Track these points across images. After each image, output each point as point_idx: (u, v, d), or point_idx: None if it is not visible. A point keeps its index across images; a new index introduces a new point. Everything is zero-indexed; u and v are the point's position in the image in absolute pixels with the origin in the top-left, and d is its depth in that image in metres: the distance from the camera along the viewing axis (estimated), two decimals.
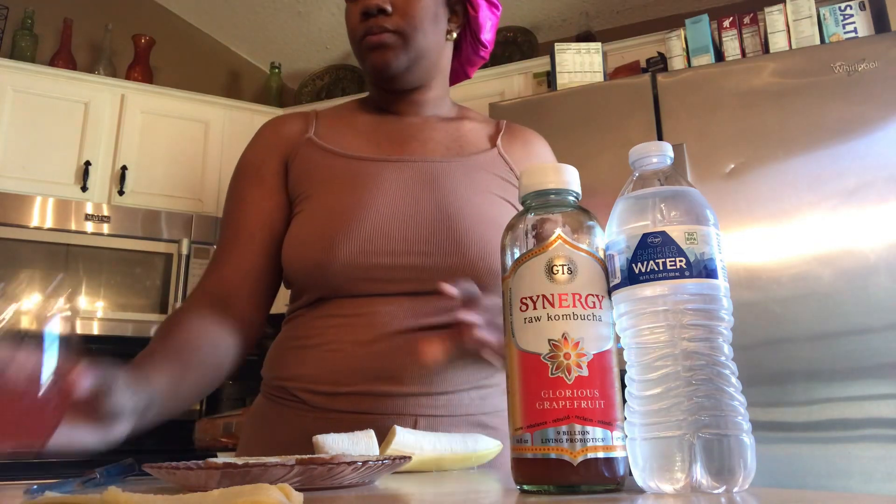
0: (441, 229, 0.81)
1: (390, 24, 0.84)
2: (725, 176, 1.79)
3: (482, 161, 0.89)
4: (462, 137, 0.92)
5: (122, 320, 2.38)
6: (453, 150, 0.89)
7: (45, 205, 2.35)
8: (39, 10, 2.70)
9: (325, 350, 0.81)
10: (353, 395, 0.79)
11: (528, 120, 2.08)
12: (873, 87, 1.71)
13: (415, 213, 0.82)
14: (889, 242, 1.62)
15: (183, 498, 0.36)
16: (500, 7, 0.95)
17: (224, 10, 3.03)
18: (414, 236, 0.81)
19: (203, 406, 2.73)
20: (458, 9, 0.92)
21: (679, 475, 0.42)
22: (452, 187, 0.84)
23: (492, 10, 0.94)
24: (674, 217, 0.46)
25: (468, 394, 0.81)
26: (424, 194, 0.84)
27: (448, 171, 0.86)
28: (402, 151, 0.89)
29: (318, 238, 0.82)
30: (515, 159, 0.91)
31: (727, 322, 0.45)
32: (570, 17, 2.92)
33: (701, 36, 2.16)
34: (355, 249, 0.80)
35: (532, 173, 0.52)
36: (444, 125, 0.93)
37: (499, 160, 0.90)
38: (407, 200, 0.83)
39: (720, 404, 0.43)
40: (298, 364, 0.83)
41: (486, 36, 0.95)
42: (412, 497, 0.50)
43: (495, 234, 0.75)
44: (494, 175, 0.88)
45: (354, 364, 0.79)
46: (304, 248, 0.83)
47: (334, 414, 0.79)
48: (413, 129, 0.92)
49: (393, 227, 0.82)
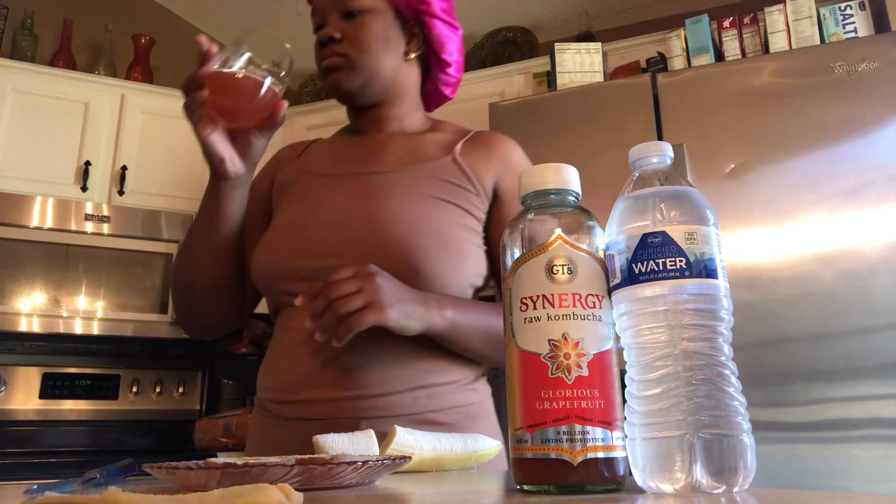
0: (368, 233, 0.86)
1: (340, 49, 0.95)
2: (725, 176, 1.79)
3: (431, 168, 0.93)
4: (419, 149, 0.97)
5: (122, 320, 2.38)
6: (406, 161, 0.95)
7: (45, 205, 2.35)
8: (39, 10, 2.70)
9: (279, 361, 0.90)
10: (302, 402, 0.85)
11: (528, 120, 2.09)
12: (873, 87, 1.71)
13: (346, 219, 0.89)
14: (889, 242, 1.62)
15: (183, 498, 0.36)
16: (460, 28, 1.02)
17: (224, 10, 3.03)
18: (340, 240, 0.87)
19: (203, 406, 2.73)
20: (417, 31, 0.99)
21: (679, 475, 0.42)
22: (391, 194, 0.90)
23: (449, 28, 1.01)
24: (674, 217, 0.46)
25: (411, 394, 0.84)
26: (361, 203, 0.90)
27: (392, 180, 0.92)
28: (357, 166, 0.96)
29: (265, 246, 0.92)
30: (473, 163, 0.94)
31: (727, 322, 0.45)
32: (570, 17, 2.92)
33: (701, 36, 2.16)
34: (282, 254, 0.89)
35: (532, 173, 0.52)
36: (405, 139, 0.99)
37: (451, 166, 0.94)
38: (342, 209, 0.90)
39: (720, 404, 0.43)
40: (264, 375, 0.92)
41: (449, 56, 1.01)
42: (412, 497, 0.50)
43: (428, 236, 0.84)
44: (442, 180, 0.92)
45: (299, 372, 0.86)
46: (256, 255, 0.93)
47: (291, 421, 0.86)
48: (374, 145, 0.99)
49: (322, 232, 0.89)
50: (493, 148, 0.97)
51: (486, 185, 0.94)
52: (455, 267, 0.86)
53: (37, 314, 2.28)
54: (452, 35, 1.01)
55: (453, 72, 1.04)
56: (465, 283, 0.88)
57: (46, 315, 2.29)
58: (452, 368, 0.88)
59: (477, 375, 0.93)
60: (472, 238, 0.91)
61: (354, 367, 0.83)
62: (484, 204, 0.93)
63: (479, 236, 0.92)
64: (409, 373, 0.85)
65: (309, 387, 0.85)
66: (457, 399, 0.88)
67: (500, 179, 0.94)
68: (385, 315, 0.74)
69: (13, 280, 2.27)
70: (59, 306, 2.31)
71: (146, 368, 2.65)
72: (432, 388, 0.86)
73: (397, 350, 0.84)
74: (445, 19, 0.99)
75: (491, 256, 0.93)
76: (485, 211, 0.93)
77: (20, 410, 2.43)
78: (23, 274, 2.28)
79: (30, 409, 2.44)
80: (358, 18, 0.95)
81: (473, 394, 0.90)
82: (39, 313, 2.28)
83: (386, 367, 0.84)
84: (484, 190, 0.93)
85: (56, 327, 2.30)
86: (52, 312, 2.30)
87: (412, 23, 0.99)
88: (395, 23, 0.98)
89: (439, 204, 0.90)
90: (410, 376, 0.85)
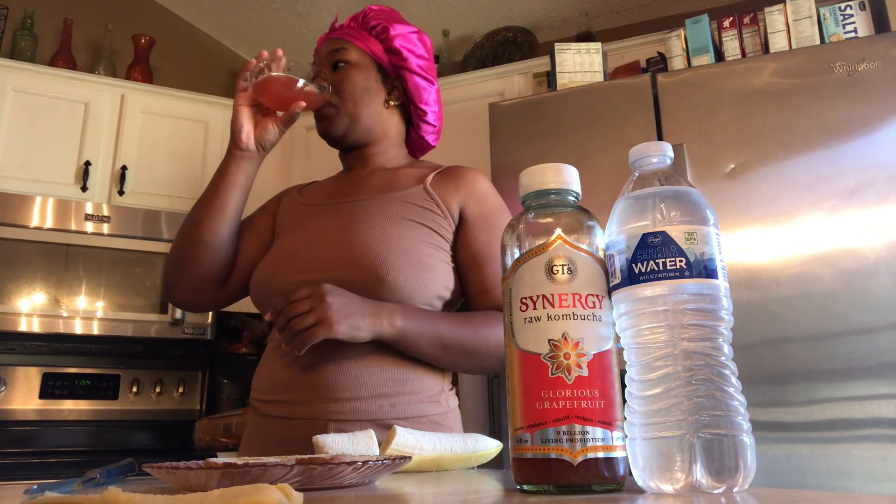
0: (342, 250, 0.97)
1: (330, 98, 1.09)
2: (725, 176, 1.79)
3: (404, 195, 1.05)
4: (395, 180, 1.09)
5: (122, 320, 2.38)
6: (382, 190, 1.07)
7: (45, 205, 2.35)
8: (39, 10, 2.70)
9: (267, 366, 1.02)
10: (282, 402, 0.96)
11: (527, 120, 2.09)
12: (873, 87, 1.71)
13: (325, 240, 1.01)
14: (889, 242, 1.62)
15: (183, 498, 0.36)
16: (436, 83, 1.16)
17: (224, 10, 3.03)
18: (315, 256, 0.99)
19: (203, 406, 2.73)
20: (397, 83, 1.14)
21: (679, 475, 0.42)
22: (366, 217, 1.01)
23: (425, 82, 1.14)
24: (674, 217, 0.46)
25: (375, 401, 0.93)
26: (339, 225, 1.02)
27: (367, 205, 1.04)
28: (342, 196, 1.09)
29: (261, 265, 1.06)
30: (442, 191, 1.05)
31: (727, 322, 0.45)
32: (570, 17, 2.92)
33: (701, 36, 2.16)
34: (271, 271, 1.02)
35: (532, 173, 0.52)
36: (384, 173, 1.12)
37: (422, 193, 1.05)
38: (325, 231, 1.03)
39: (720, 404, 0.43)
40: (256, 378, 1.04)
41: (426, 105, 1.15)
42: (412, 497, 0.50)
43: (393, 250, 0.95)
44: (412, 204, 1.03)
45: (280, 376, 0.97)
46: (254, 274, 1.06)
47: (271, 419, 0.97)
48: (358, 178, 1.12)
49: (305, 252, 1.01)
50: (460, 179, 1.07)
51: (453, 209, 1.04)
52: (417, 278, 0.95)
53: (37, 314, 2.28)
54: (429, 87, 1.14)
55: (431, 119, 1.17)
56: (430, 294, 0.97)
57: (46, 315, 2.29)
58: (416, 380, 0.97)
59: (441, 390, 1.00)
60: (439, 254, 1.00)
61: (326, 373, 0.94)
62: (451, 226, 1.04)
63: (447, 253, 1.02)
64: (375, 381, 0.94)
65: (288, 389, 0.96)
66: (418, 409, 0.95)
67: (464, 205, 1.04)
68: (333, 330, 0.84)
69: (13, 280, 2.27)
70: (59, 306, 2.31)
71: (146, 368, 2.65)
72: (395, 396, 0.94)
73: (366, 360, 0.94)
74: (422, 74, 1.13)
75: (459, 274, 1.03)
76: (452, 232, 1.04)
77: (20, 410, 2.43)
78: (23, 274, 2.28)
79: (30, 409, 2.44)
80: (342, 70, 1.10)
81: (435, 406, 0.98)
82: (39, 313, 2.28)
83: (354, 376, 0.93)
84: (451, 214, 1.04)
85: (56, 327, 2.30)
86: (52, 312, 2.30)
87: (394, 77, 1.13)
88: (376, 75, 1.12)
89: (408, 224, 1.00)
90: (375, 385, 0.94)
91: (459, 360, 0.96)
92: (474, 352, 0.95)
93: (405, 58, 1.12)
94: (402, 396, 0.95)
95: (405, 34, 1.13)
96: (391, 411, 0.93)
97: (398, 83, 1.14)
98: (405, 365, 0.96)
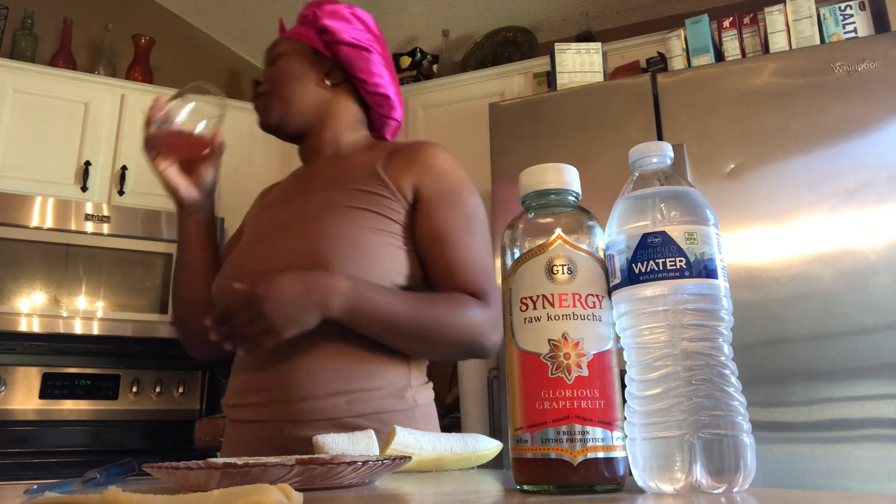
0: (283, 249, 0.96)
1: (261, 90, 1.10)
2: (725, 176, 1.79)
3: (352, 182, 1.00)
4: (346, 168, 1.04)
5: (122, 320, 2.38)
6: (332, 181, 1.03)
7: (45, 205, 2.35)
8: (39, 10, 2.70)
9: (234, 371, 1.02)
10: (244, 406, 0.96)
11: (527, 120, 2.09)
12: (873, 87, 1.71)
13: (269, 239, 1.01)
14: (889, 242, 1.62)
15: (183, 498, 0.36)
16: (374, 51, 1.09)
17: (224, 10, 3.03)
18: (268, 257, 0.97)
19: (203, 406, 2.73)
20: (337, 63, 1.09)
21: (679, 475, 0.42)
22: (312, 212, 0.99)
23: (359, 51, 1.08)
24: (674, 217, 0.46)
25: (331, 399, 0.89)
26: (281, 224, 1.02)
27: (314, 199, 1.01)
28: (294, 192, 1.08)
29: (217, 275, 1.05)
30: (394, 173, 1.00)
31: (727, 322, 0.45)
32: (570, 17, 2.92)
33: (701, 36, 2.16)
34: (221, 279, 1.01)
35: (532, 173, 0.52)
36: (336, 161, 1.07)
37: (370, 178, 1.00)
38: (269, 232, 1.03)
39: (720, 404, 0.43)
40: (229, 383, 1.03)
41: (366, 75, 1.09)
42: (412, 497, 0.50)
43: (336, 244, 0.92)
44: (360, 191, 0.99)
45: (242, 379, 0.98)
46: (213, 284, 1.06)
47: (238, 423, 0.97)
48: (311, 171, 1.10)
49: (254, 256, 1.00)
50: (414, 157, 1.01)
51: (405, 190, 0.98)
52: (362, 268, 0.91)
53: (37, 314, 2.28)
54: (366, 56, 1.08)
55: (383, 90, 1.10)
56: (380, 283, 0.92)
57: (46, 315, 2.29)
58: (377, 375, 0.92)
59: (407, 384, 0.95)
60: (389, 239, 0.95)
61: (281, 373, 0.92)
62: (403, 208, 0.98)
63: (399, 238, 0.97)
64: (331, 378, 0.90)
65: (249, 392, 0.95)
66: (379, 405, 0.91)
67: (419, 184, 0.98)
68: (279, 337, 0.84)
69: (13, 280, 2.27)
70: (59, 306, 2.31)
71: (146, 368, 2.65)
72: (353, 393, 0.90)
73: (323, 357, 0.91)
74: (354, 43, 1.08)
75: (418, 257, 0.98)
76: (405, 214, 0.98)
77: (20, 410, 2.43)
78: (23, 274, 2.28)
79: (30, 409, 2.44)
80: (276, 63, 1.10)
81: (399, 402, 0.93)
82: (39, 313, 2.28)
83: (310, 374, 0.90)
84: (403, 195, 0.98)
85: (56, 327, 2.30)
86: (52, 312, 2.30)
87: (331, 57, 1.09)
88: (309, 58, 1.09)
89: (353, 212, 0.96)
90: (331, 382, 0.90)
91: (417, 344, 0.92)
92: (433, 336, 0.90)
93: (333, 31, 1.07)
94: (361, 393, 0.90)
95: (334, 10, 1.10)
96: (348, 409, 0.89)
97: (337, 62, 1.09)
98: (364, 358, 0.92)
